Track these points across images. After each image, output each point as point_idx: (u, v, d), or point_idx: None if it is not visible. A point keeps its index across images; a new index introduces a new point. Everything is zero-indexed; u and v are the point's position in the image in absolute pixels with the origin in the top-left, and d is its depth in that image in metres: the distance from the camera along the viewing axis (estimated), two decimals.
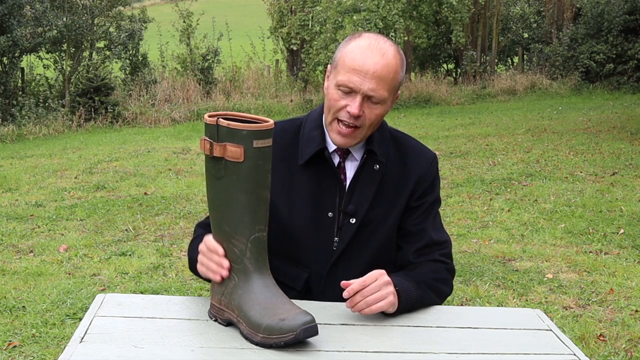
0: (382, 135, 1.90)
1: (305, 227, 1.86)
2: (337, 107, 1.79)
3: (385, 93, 1.77)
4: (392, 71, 1.77)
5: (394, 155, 1.91)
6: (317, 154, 1.86)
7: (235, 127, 1.51)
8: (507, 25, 19.56)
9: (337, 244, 1.87)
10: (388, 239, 1.90)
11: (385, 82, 1.76)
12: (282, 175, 1.86)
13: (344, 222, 1.87)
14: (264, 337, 1.50)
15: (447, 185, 7.18)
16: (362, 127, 1.80)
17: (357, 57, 1.76)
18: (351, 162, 1.89)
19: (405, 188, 1.89)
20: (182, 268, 4.73)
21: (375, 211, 1.88)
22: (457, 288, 4.30)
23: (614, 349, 3.48)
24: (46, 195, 6.94)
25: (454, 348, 1.59)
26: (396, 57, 1.79)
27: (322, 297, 1.86)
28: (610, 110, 13.04)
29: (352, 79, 1.75)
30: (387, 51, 1.77)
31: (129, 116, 12.90)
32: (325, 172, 1.87)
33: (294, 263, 1.88)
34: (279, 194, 1.85)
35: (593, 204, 6.32)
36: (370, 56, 1.75)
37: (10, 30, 12.86)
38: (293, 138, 1.89)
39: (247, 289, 1.57)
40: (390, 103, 1.83)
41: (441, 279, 1.88)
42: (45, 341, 3.56)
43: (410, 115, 13.33)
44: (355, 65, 1.75)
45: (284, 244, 1.87)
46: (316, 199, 1.86)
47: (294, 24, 15.07)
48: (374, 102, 1.77)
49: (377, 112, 1.79)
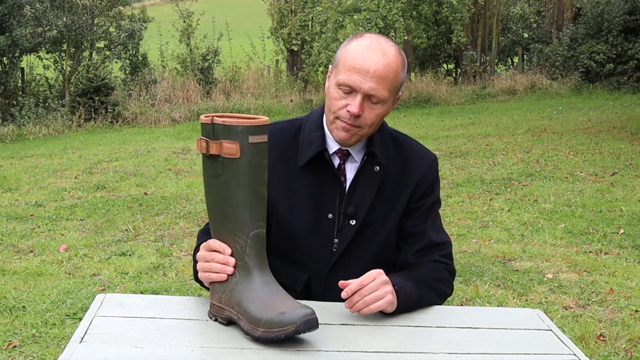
0: (382, 137, 1.89)
1: (306, 228, 1.86)
2: (338, 107, 1.78)
3: (386, 93, 1.77)
4: (392, 71, 1.76)
5: (394, 157, 1.90)
6: (318, 156, 1.85)
7: (230, 123, 1.52)
8: (507, 25, 19.55)
9: (337, 245, 1.87)
10: (388, 240, 1.89)
11: (386, 81, 1.76)
12: (282, 176, 1.85)
13: (344, 223, 1.86)
14: (264, 331, 1.50)
15: (447, 185, 7.19)
16: (362, 127, 1.80)
17: (358, 57, 1.75)
18: (351, 163, 1.88)
19: (405, 189, 1.89)
20: (182, 268, 4.73)
21: (375, 213, 1.87)
22: (457, 288, 4.30)
23: (614, 349, 3.48)
24: (46, 195, 6.94)
25: (454, 348, 1.59)
26: (397, 58, 1.78)
27: (322, 298, 1.86)
28: (610, 110, 13.04)
29: (352, 78, 1.75)
30: (388, 51, 1.77)
31: (129, 116, 12.89)
32: (326, 173, 1.86)
33: (294, 264, 1.88)
34: (279, 195, 1.84)
35: (593, 204, 6.32)
36: (371, 55, 1.75)
37: (10, 30, 12.86)
38: (293, 139, 1.89)
39: (248, 285, 1.57)
40: (391, 104, 1.82)
41: (441, 279, 1.87)
42: (45, 341, 3.56)
43: (410, 116, 13.33)
44: (356, 64, 1.75)
45: (284, 245, 1.87)
46: (316, 200, 1.86)
47: (295, 25, 15.07)
48: (374, 101, 1.77)
49: (377, 112, 1.79)
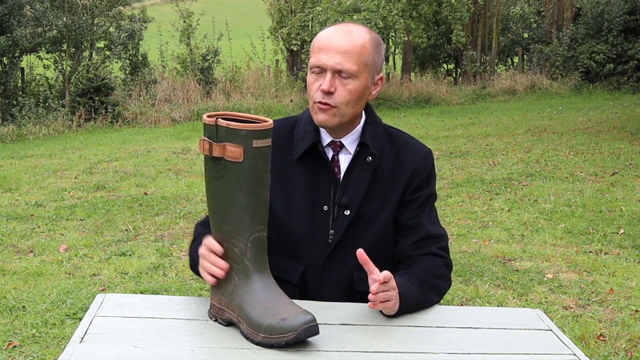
0: (375, 130, 1.92)
1: (301, 220, 1.88)
2: (313, 90, 1.84)
3: (354, 66, 1.80)
4: (358, 46, 1.81)
5: (388, 150, 1.93)
6: (311, 148, 1.88)
7: (235, 127, 1.51)
8: (507, 25, 19.56)
9: (333, 236, 1.89)
10: (383, 232, 1.91)
11: (351, 55, 1.80)
12: (278, 170, 1.88)
13: (338, 214, 1.88)
14: (265, 337, 1.50)
15: (447, 185, 7.18)
16: (338, 107, 1.83)
17: (324, 39, 1.84)
18: (345, 155, 1.91)
19: (399, 181, 1.91)
20: (182, 268, 4.73)
21: (369, 204, 1.89)
22: (457, 288, 4.30)
23: (614, 349, 3.48)
24: (46, 195, 6.94)
25: (454, 348, 1.59)
26: (364, 36, 1.83)
27: (319, 289, 1.88)
28: (610, 110, 13.03)
29: (319, 57, 1.82)
30: (352, 30, 1.83)
31: (129, 116, 12.89)
32: (320, 165, 1.89)
33: (289, 257, 1.90)
34: (274, 189, 1.86)
35: (593, 204, 6.32)
36: (334, 34, 1.83)
37: (10, 30, 12.86)
38: (289, 135, 1.92)
39: (248, 289, 1.57)
40: (365, 81, 1.83)
41: (440, 275, 1.89)
42: (45, 341, 3.56)
43: (410, 115, 13.32)
44: (322, 44, 1.83)
45: (280, 238, 1.88)
46: (311, 192, 1.88)
47: (294, 25, 15.07)
48: (344, 76, 1.81)
49: (349, 87, 1.81)
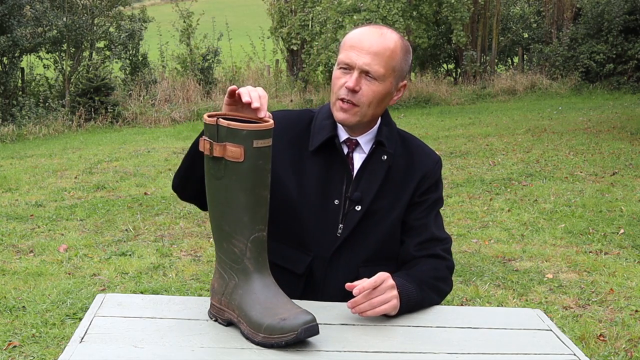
0: (390, 130, 1.95)
1: (312, 211, 1.89)
2: (338, 86, 1.86)
3: (382, 69, 1.82)
4: (389, 49, 1.83)
5: (402, 152, 1.95)
6: (327, 142, 1.90)
7: (235, 127, 1.51)
8: (507, 25, 19.53)
9: (342, 230, 1.90)
10: (392, 231, 1.92)
11: (381, 58, 1.82)
12: (293, 159, 1.91)
13: (349, 209, 1.90)
14: (265, 337, 1.50)
15: (447, 185, 7.18)
16: (361, 106, 1.85)
17: (356, 37, 1.86)
18: (359, 154, 1.93)
19: (410, 182, 1.93)
20: (182, 268, 4.73)
21: (380, 202, 1.91)
22: (457, 288, 4.30)
23: (614, 349, 3.48)
24: (46, 195, 6.94)
25: (454, 348, 1.59)
26: (396, 41, 1.85)
27: (324, 282, 1.90)
28: (610, 110, 13.03)
29: (349, 55, 1.84)
30: (385, 33, 1.86)
31: (129, 116, 12.89)
32: (334, 160, 1.91)
33: (297, 246, 1.91)
34: (289, 176, 1.90)
35: (593, 204, 6.32)
36: (367, 34, 1.85)
37: (10, 30, 12.86)
38: (307, 126, 1.95)
39: (248, 289, 1.57)
40: (390, 85, 1.86)
41: (441, 278, 1.90)
42: (45, 341, 3.56)
43: (410, 115, 13.32)
44: (353, 42, 1.85)
45: (289, 226, 1.90)
46: (324, 185, 1.90)
47: (294, 24, 15.07)
48: (371, 77, 1.83)
49: (374, 88, 1.84)
